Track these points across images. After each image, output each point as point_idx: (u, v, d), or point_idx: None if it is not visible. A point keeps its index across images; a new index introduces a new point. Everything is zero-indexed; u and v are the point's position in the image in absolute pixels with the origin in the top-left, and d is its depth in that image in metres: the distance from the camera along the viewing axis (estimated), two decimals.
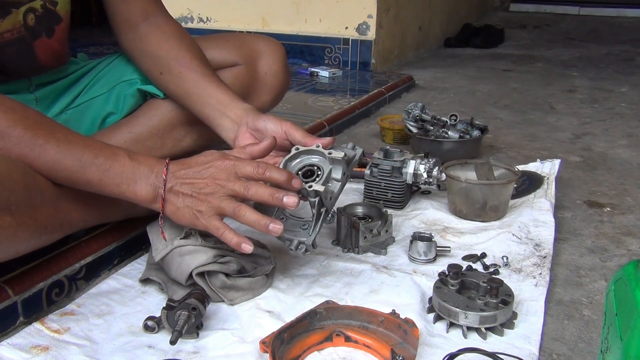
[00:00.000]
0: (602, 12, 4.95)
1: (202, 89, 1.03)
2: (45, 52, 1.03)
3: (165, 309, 0.82)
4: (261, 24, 2.85)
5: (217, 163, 0.86)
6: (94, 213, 0.93)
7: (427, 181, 1.23)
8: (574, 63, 3.06)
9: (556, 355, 0.83)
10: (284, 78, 1.25)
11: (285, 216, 0.92)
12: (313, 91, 2.23)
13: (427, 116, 1.58)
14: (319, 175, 0.91)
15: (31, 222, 0.79)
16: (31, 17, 0.99)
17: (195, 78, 1.04)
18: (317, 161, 0.93)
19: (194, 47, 1.10)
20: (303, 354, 0.80)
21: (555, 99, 2.32)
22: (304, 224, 0.91)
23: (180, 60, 1.06)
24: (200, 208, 0.84)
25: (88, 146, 0.83)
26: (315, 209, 0.89)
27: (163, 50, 1.07)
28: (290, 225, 0.91)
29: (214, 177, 0.84)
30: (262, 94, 1.23)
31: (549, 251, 1.08)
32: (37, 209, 0.80)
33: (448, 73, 2.79)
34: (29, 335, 0.83)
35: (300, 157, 0.94)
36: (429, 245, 1.04)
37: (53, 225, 0.84)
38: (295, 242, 0.90)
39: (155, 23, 1.10)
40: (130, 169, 0.84)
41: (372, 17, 2.62)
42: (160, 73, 1.08)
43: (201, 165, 0.86)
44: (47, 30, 1.02)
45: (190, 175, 0.85)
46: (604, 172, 1.55)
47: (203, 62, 1.07)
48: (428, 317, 0.89)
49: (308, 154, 0.94)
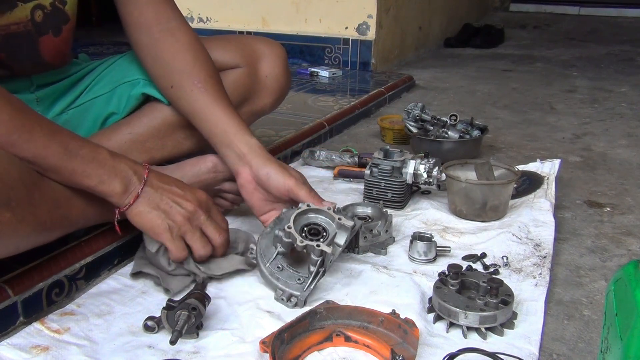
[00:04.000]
0: (602, 12, 4.95)
1: (210, 114, 1.03)
2: (49, 50, 1.03)
3: (165, 309, 0.82)
4: (261, 24, 2.85)
5: (200, 193, 0.94)
6: (94, 211, 0.93)
7: (427, 181, 1.23)
8: (574, 63, 3.06)
9: (556, 355, 0.83)
10: (285, 81, 1.25)
11: (283, 266, 0.93)
12: (313, 91, 2.22)
13: (427, 116, 1.58)
14: (324, 236, 0.95)
15: (31, 218, 0.79)
16: (39, 14, 0.98)
17: (207, 101, 1.03)
18: (324, 222, 0.97)
19: (209, 64, 1.08)
20: (303, 354, 0.80)
21: (555, 99, 2.32)
22: (299, 278, 0.92)
23: (193, 78, 1.04)
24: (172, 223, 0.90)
25: (73, 138, 0.85)
26: (315, 267, 0.91)
27: (177, 63, 1.05)
28: (286, 276, 0.92)
29: (198, 204, 0.93)
30: (262, 97, 1.22)
31: (549, 251, 1.08)
32: (36, 205, 0.80)
33: (448, 73, 2.79)
34: (29, 335, 0.82)
35: (309, 213, 0.97)
36: (429, 245, 1.04)
37: (53, 222, 0.84)
38: (287, 293, 0.91)
39: (170, 29, 1.07)
40: (111, 163, 0.87)
41: (372, 17, 2.62)
42: (171, 86, 1.06)
43: (185, 187, 0.93)
44: (54, 29, 1.02)
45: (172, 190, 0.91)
46: (604, 172, 1.55)
47: (216, 83, 1.06)
48: (428, 317, 0.89)
49: (317, 212, 0.97)
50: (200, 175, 1.09)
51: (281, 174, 0.99)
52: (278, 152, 1.51)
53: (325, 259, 0.92)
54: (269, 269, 0.92)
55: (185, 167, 1.10)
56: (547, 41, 3.77)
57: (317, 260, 0.91)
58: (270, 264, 0.93)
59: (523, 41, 3.76)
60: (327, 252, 0.91)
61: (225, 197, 1.14)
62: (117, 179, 0.86)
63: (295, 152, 1.58)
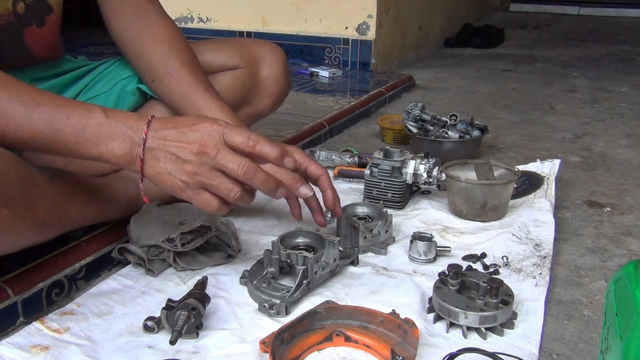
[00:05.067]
0: (602, 12, 4.95)
1: (191, 103, 1.03)
2: (36, 41, 1.03)
3: (165, 309, 0.82)
4: (261, 24, 2.85)
5: (204, 126, 0.79)
6: (93, 209, 0.93)
7: (427, 181, 1.23)
8: (574, 63, 3.06)
9: (556, 355, 0.83)
10: (285, 83, 1.25)
11: (269, 281, 0.93)
12: (313, 91, 2.23)
13: (427, 116, 1.58)
14: (314, 251, 0.97)
15: (29, 215, 0.78)
16: (21, 6, 0.98)
17: (185, 91, 1.04)
18: (313, 243, 0.99)
19: (184, 52, 1.08)
20: (303, 354, 0.80)
21: (555, 99, 2.32)
22: (283, 289, 0.91)
23: (169, 69, 1.05)
24: (185, 179, 0.79)
25: (59, 107, 0.78)
26: (299, 278, 0.91)
27: (154, 57, 1.06)
28: (272, 289, 0.92)
29: (200, 144, 0.78)
30: (262, 98, 1.23)
31: (549, 251, 1.08)
32: (34, 203, 0.80)
33: (448, 73, 2.79)
34: (29, 334, 0.82)
35: (297, 236, 1.00)
36: (429, 245, 1.04)
37: (51, 220, 0.84)
38: (270, 302, 0.89)
39: (148, 23, 1.08)
40: (107, 127, 0.78)
41: (372, 17, 2.62)
42: (152, 81, 1.08)
43: (187, 127, 0.79)
44: (37, 20, 1.02)
45: (174, 137, 0.79)
46: (604, 172, 1.55)
47: (192, 70, 1.05)
48: (428, 317, 0.89)
49: (306, 235, 1.00)
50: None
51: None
52: None
53: (309, 269, 0.92)
54: (256, 284, 0.92)
55: None
56: (547, 41, 3.77)
57: (301, 270, 0.91)
58: (257, 280, 0.93)
59: (523, 41, 3.76)
60: (309, 257, 0.91)
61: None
62: (116, 142, 0.78)
63: None
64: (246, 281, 0.95)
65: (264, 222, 1.19)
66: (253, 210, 1.24)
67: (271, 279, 0.93)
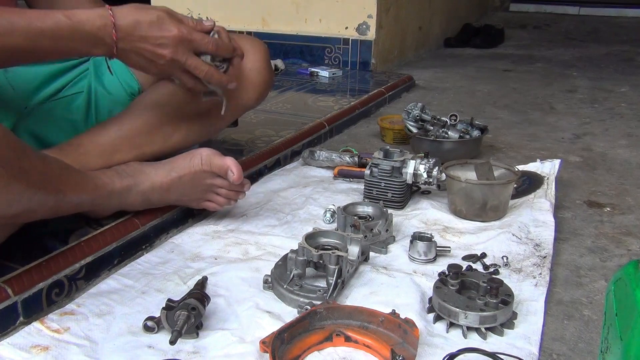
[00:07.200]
0: (602, 12, 4.95)
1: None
2: None
3: (165, 309, 0.82)
4: (261, 24, 2.85)
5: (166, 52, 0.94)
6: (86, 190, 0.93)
7: (427, 181, 1.23)
8: (574, 63, 3.06)
9: (556, 355, 0.83)
10: (268, 74, 1.28)
11: (301, 284, 0.93)
12: (313, 91, 2.22)
13: (427, 116, 1.58)
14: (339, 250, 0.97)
15: (23, 177, 0.79)
16: None
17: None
18: (335, 242, 1.00)
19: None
20: (303, 354, 0.80)
21: (555, 99, 2.32)
22: (319, 290, 0.91)
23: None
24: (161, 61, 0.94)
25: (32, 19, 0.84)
26: (334, 277, 0.91)
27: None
28: (307, 290, 0.92)
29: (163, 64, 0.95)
30: (247, 91, 1.24)
31: (549, 251, 1.08)
32: (27, 171, 0.80)
33: (448, 73, 2.79)
34: (29, 334, 0.82)
35: (319, 237, 1.00)
36: (429, 245, 1.04)
37: (46, 189, 0.84)
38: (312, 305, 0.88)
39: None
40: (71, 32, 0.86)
41: (372, 17, 2.62)
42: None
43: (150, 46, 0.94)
44: None
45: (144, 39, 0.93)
46: (604, 172, 1.55)
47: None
48: (428, 317, 0.89)
49: (327, 235, 1.00)
50: (192, 168, 1.09)
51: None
52: (278, 152, 1.51)
53: (342, 268, 0.92)
54: (287, 289, 0.92)
55: (177, 160, 1.10)
56: (547, 41, 3.77)
57: (335, 269, 0.91)
58: (287, 285, 0.93)
59: (523, 41, 3.76)
60: (344, 256, 0.91)
61: (219, 192, 1.14)
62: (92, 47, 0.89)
63: (295, 152, 1.58)
64: (270, 286, 0.95)
65: (264, 222, 1.19)
66: (253, 210, 1.24)
67: (302, 284, 0.93)
